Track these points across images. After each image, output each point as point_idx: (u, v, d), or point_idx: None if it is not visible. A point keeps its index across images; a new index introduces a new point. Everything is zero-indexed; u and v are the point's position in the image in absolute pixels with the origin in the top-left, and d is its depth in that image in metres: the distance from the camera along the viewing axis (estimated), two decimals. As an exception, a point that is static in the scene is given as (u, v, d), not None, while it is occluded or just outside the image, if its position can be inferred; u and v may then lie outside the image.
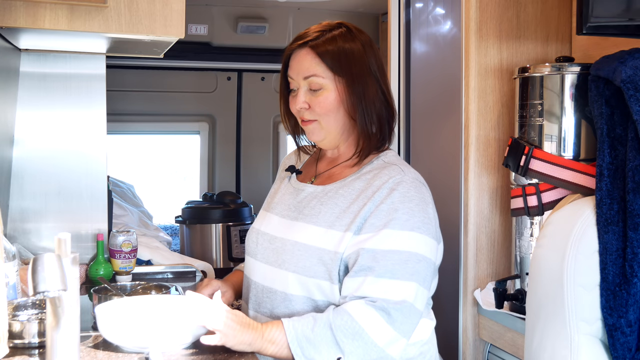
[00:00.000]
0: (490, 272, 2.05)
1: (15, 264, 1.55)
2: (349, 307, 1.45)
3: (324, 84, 1.59)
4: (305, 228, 1.58)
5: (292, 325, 1.44)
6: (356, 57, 1.59)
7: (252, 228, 1.74)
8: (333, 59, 1.58)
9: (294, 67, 1.62)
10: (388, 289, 1.45)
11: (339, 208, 1.56)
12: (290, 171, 1.76)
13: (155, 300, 1.61)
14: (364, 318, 1.43)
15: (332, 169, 1.69)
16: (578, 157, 1.71)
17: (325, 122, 1.61)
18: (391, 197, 1.51)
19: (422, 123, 2.36)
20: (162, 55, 2.19)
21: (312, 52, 1.59)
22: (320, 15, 4.17)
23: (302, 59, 1.60)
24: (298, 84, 1.62)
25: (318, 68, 1.58)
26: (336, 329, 1.42)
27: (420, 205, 1.52)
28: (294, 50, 1.62)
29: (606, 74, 1.44)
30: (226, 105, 4.62)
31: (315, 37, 1.60)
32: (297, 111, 1.63)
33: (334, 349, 1.42)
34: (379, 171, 1.58)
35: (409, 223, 1.49)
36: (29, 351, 1.43)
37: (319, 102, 1.59)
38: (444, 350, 2.05)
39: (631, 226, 1.33)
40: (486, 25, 2.01)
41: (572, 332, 1.37)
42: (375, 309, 1.43)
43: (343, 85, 1.58)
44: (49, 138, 2.25)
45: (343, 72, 1.58)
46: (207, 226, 3.95)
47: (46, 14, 1.69)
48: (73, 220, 2.26)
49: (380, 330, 1.43)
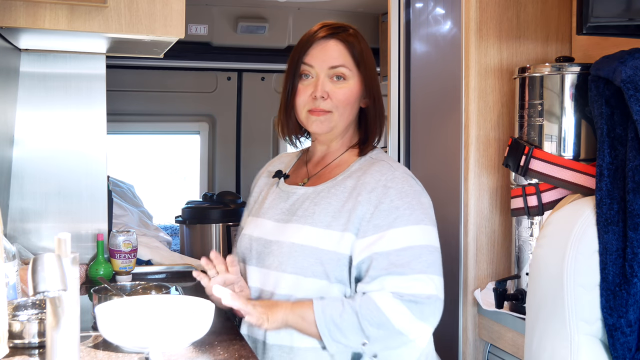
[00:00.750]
0: (490, 272, 2.05)
1: (15, 264, 1.55)
2: (376, 297, 1.48)
3: (348, 75, 1.62)
4: (300, 229, 1.58)
5: (322, 310, 1.48)
6: (371, 60, 1.67)
7: (244, 234, 1.72)
8: (359, 54, 1.63)
9: (318, 56, 1.61)
10: (411, 284, 1.49)
11: (333, 208, 1.57)
12: (277, 177, 1.75)
13: (155, 300, 1.61)
14: (391, 310, 1.46)
15: (322, 170, 1.69)
16: (578, 157, 1.71)
17: (339, 114, 1.62)
18: (388, 196, 1.54)
19: (422, 123, 2.36)
20: (162, 55, 2.19)
21: (341, 43, 1.62)
22: (320, 15, 4.17)
23: (331, 48, 1.62)
24: (317, 72, 1.62)
25: (347, 59, 1.62)
26: (362, 317, 1.46)
27: (416, 197, 1.56)
28: (318, 40, 1.62)
29: (606, 74, 1.44)
30: (226, 105, 4.62)
31: (338, 30, 1.63)
32: (311, 99, 1.62)
33: (359, 335, 1.47)
34: (368, 167, 1.61)
35: (413, 217, 1.53)
36: (29, 351, 1.43)
37: (342, 92, 1.61)
38: (444, 350, 2.05)
39: (631, 226, 1.33)
40: (486, 25, 2.01)
41: (572, 332, 1.37)
42: (403, 302, 1.47)
43: (362, 81, 1.64)
44: (49, 138, 2.25)
45: (365, 68, 1.63)
46: (207, 226, 3.95)
47: (46, 14, 1.69)
48: (73, 220, 2.26)
49: (405, 321, 1.47)
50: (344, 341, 1.48)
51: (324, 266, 1.52)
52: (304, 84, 1.63)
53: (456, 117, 2.09)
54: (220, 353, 1.46)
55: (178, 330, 1.43)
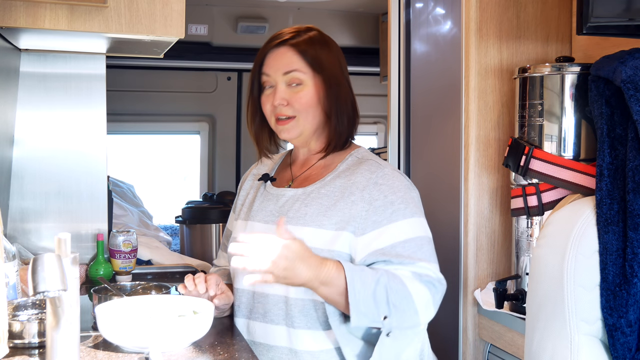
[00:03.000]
0: (490, 272, 2.05)
1: (15, 264, 1.55)
2: (400, 273, 1.50)
3: (304, 80, 1.63)
4: (292, 229, 1.56)
5: (353, 285, 1.44)
6: (332, 59, 1.67)
7: (234, 238, 1.69)
8: (313, 57, 1.63)
9: (272, 64, 1.64)
10: (421, 271, 1.51)
11: (324, 207, 1.59)
12: (264, 179, 1.76)
13: (155, 300, 1.61)
14: (413, 287, 1.49)
15: (307, 171, 1.71)
16: (578, 157, 1.71)
17: (303, 119, 1.64)
18: (382, 192, 1.56)
19: (422, 123, 2.36)
20: (162, 55, 2.19)
21: (292, 49, 1.63)
22: (320, 15, 4.17)
23: (282, 55, 1.64)
24: (275, 80, 1.64)
25: (299, 64, 1.63)
26: (390, 290, 1.47)
27: (407, 192, 1.59)
28: (271, 48, 1.65)
29: (606, 74, 1.44)
30: (226, 105, 4.62)
31: (292, 36, 1.65)
32: (273, 107, 1.64)
33: (385, 308, 1.46)
34: (356, 167, 1.63)
35: (408, 210, 1.56)
36: (29, 351, 1.43)
37: (299, 97, 1.63)
38: (444, 351, 2.05)
39: (631, 226, 1.33)
40: (486, 25, 2.01)
41: (572, 332, 1.37)
42: (422, 282, 1.50)
43: (321, 83, 1.64)
44: (49, 138, 2.25)
45: (322, 71, 1.63)
46: (207, 226, 3.95)
47: (46, 14, 1.69)
48: (73, 220, 2.26)
49: (423, 300, 1.50)
50: (370, 314, 1.46)
51: None
52: (265, 94, 1.67)
53: (456, 117, 2.09)
54: (220, 353, 1.46)
55: (178, 330, 1.43)
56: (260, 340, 1.61)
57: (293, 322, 1.56)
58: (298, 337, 1.55)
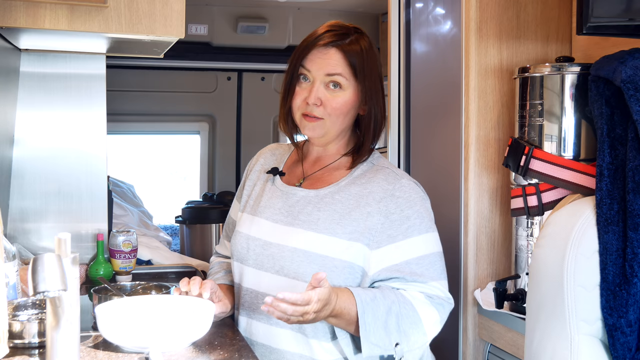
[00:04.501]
0: (490, 272, 2.05)
1: (15, 264, 1.55)
2: (410, 297, 1.52)
3: (344, 85, 1.60)
4: (303, 234, 1.56)
5: (364, 319, 1.45)
6: (375, 66, 1.63)
7: (239, 232, 1.69)
8: (359, 65, 1.60)
9: (317, 62, 1.59)
10: (432, 291, 1.54)
11: (337, 214, 1.57)
12: (272, 173, 1.72)
13: (155, 300, 1.61)
14: (424, 311, 1.51)
15: (319, 171, 1.68)
16: (578, 157, 1.71)
17: (331, 123, 1.61)
18: (398, 205, 1.55)
19: (422, 123, 2.36)
20: (162, 55, 2.19)
21: (340, 52, 1.59)
22: (320, 15, 4.17)
23: (329, 57, 1.59)
24: (314, 77, 1.60)
25: (344, 69, 1.59)
26: (401, 318, 1.48)
27: (423, 205, 1.59)
28: (319, 47, 1.60)
29: (606, 74, 1.44)
30: (226, 105, 4.62)
31: (341, 38, 1.60)
32: (305, 104, 1.60)
33: (397, 336, 1.48)
34: (373, 175, 1.61)
35: (423, 226, 1.56)
36: (29, 351, 1.43)
37: (335, 101, 1.59)
38: (444, 350, 2.05)
39: (631, 226, 1.33)
40: (486, 25, 2.01)
41: (572, 332, 1.37)
42: (432, 304, 1.52)
43: (359, 93, 1.61)
44: (49, 138, 2.25)
45: (364, 81, 1.60)
46: (207, 226, 3.95)
47: (46, 14, 1.69)
48: (73, 220, 2.26)
49: (432, 321, 1.52)
50: (381, 344, 1.47)
51: (327, 273, 1.51)
52: (301, 86, 1.62)
53: (456, 117, 2.09)
54: (220, 353, 1.46)
55: (178, 330, 1.43)
56: (261, 341, 1.60)
57: (299, 327, 1.55)
58: (306, 344, 1.55)
